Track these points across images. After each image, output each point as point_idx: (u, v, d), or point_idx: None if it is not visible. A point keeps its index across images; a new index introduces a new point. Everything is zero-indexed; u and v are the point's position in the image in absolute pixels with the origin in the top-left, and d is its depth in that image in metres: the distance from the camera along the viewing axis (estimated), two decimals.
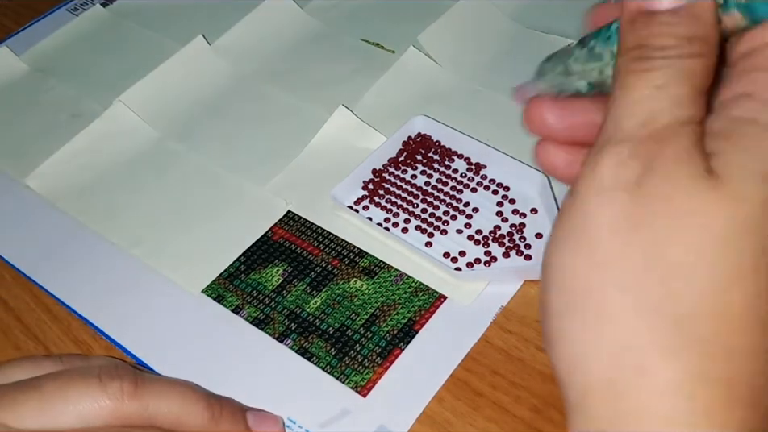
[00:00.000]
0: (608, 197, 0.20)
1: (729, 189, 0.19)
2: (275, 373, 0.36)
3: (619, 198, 0.20)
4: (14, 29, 0.58)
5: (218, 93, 0.51)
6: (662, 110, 0.20)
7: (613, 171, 0.20)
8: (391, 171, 0.44)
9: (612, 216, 0.20)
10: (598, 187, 0.20)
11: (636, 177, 0.20)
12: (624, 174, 0.20)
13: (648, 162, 0.20)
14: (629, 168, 0.20)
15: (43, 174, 0.46)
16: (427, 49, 0.51)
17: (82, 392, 0.30)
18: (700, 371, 0.19)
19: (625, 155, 0.20)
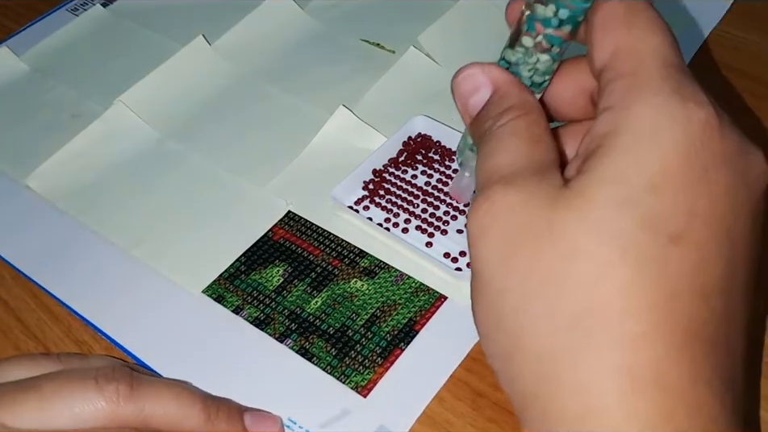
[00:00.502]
0: (479, 238, 0.24)
1: (577, 202, 0.22)
2: (275, 373, 0.36)
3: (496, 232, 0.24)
4: (14, 29, 0.58)
5: (218, 94, 0.51)
6: (501, 165, 0.24)
7: (475, 217, 0.24)
8: (391, 171, 0.44)
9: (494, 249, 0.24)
10: (471, 233, 0.24)
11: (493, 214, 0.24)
12: (482, 216, 0.24)
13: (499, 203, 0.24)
14: (485, 210, 0.24)
15: (43, 174, 0.46)
16: (427, 49, 0.51)
17: (79, 394, 0.30)
18: (613, 365, 0.21)
19: (479, 201, 0.24)
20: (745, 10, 0.53)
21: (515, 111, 0.25)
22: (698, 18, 0.53)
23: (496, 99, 0.26)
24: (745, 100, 0.47)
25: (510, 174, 0.24)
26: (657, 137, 0.22)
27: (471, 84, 0.27)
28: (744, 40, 0.51)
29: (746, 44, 0.51)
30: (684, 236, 0.22)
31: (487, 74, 0.27)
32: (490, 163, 0.25)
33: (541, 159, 0.24)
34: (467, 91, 0.27)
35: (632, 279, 0.21)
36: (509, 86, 0.26)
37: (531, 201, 0.23)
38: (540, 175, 0.23)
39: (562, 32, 0.26)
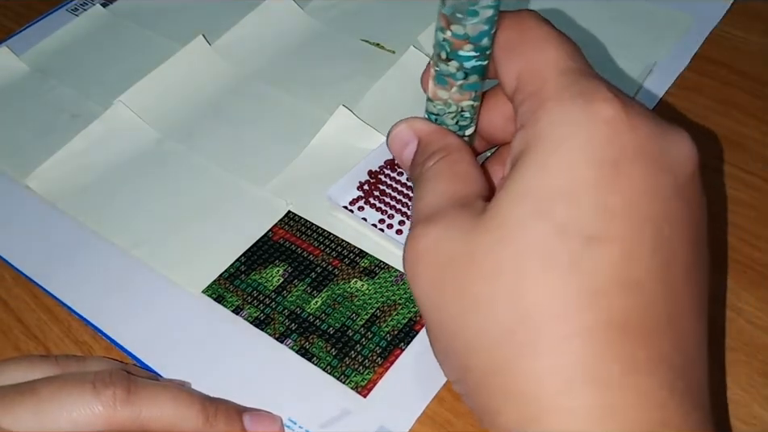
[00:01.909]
0: (410, 272, 0.26)
1: (493, 223, 0.23)
2: (275, 373, 0.36)
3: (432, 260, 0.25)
4: (14, 29, 0.58)
5: (218, 94, 0.51)
6: (425, 206, 0.26)
7: (407, 252, 0.26)
8: (387, 172, 0.44)
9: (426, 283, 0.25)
10: (405, 265, 0.26)
11: (420, 249, 0.25)
12: (411, 251, 0.26)
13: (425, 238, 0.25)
14: (413, 245, 0.26)
15: (43, 174, 0.46)
16: (427, 49, 0.51)
17: (76, 399, 0.30)
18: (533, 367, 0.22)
19: (409, 240, 0.26)
20: (745, 10, 0.53)
21: (437, 155, 0.28)
22: (698, 18, 0.53)
23: (420, 149, 0.29)
24: (744, 100, 0.47)
25: (431, 212, 0.26)
26: (562, 145, 0.23)
27: (400, 140, 0.30)
28: (744, 40, 0.51)
29: (746, 44, 0.51)
30: (601, 234, 0.22)
31: (412, 128, 0.29)
32: (417, 206, 0.27)
33: (464, 193, 0.26)
34: (399, 147, 0.30)
35: (555, 284, 0.22)
36: (431, 135, 0.29)
37: (450, 233, 0.24)
38: (461, 207, 0.25)
39: (471, 80, 0.28)
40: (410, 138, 0.29)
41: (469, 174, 0.27)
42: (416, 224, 0.26)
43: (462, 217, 0.25)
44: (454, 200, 0.26)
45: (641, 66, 0.49)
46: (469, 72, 0.27)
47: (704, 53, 0.50)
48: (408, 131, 0.29)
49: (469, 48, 0.26)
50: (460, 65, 0.27)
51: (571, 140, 0.23)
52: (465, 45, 0.26)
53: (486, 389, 0.24)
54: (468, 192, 0.26)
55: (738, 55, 0.50)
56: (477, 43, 0.26)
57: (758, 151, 0.44)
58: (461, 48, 0.26)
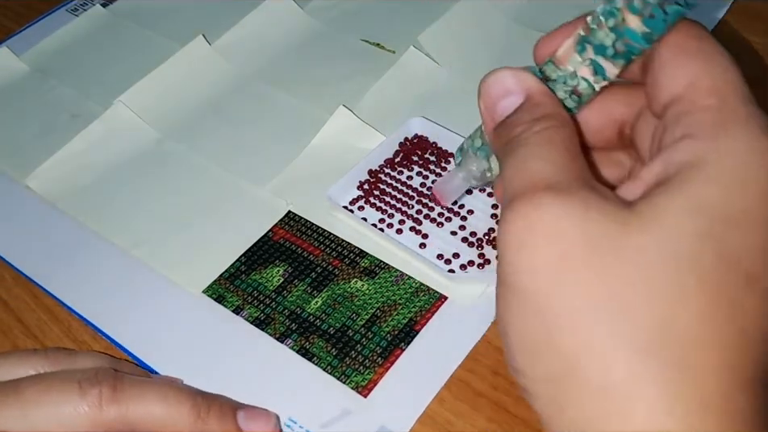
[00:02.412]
0: (519, 248, 0.22)
1: (658, 224, 0.21)
2: (276, 373, 0.36)
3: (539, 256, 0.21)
4: (14, 29, 0.58)
5: (218, 94, 0.51)
6: (544, 171, 0.22)
7: (517, 225, 0.22)
8: (387, 172, 0.44)
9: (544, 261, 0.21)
10: (507, 241, 0.22)
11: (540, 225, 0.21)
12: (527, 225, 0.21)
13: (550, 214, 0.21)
14: (532, 219, 0.21)
15: (43, 174, 0.45)
16: (427, 49, 0.51)
17: (62, 398, 0.30)
18: (676, 392, 0.20)
19: (523, 210, 0.22)
20: (745, 10, 0.53)
21: (550, 121, 0.24)
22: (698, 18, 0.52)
23: (529, 106, 0.24)
24: None
25: (558, 182, 0.22)
26: (744, 174, 0.21)
27: (501, 87, 0.25)
28: (744, 40, 0.51)
29: (746, 44, 0.51)
30: (761, 278, 0.21)
31: (520, 81, 0.25)
32: (529, 168, 0.22)
33: (584, 174, 0.22)
34: (496, 94, 0.25)
35: (709, 310, 0.20)
36: (544, 97, 0.25)
37: (591, 215, 0.21)
38: (591, 188, 0.22)
39: (614, 65, 0.24)
40: (515, 90, 0.25)
41: (581, 156, 0.23)
42: (537, 190, 0.21)
43: (602, 201, 0.21)
44: (579, 177, 0.22)
45: None
46: (617, 56, 0.24)
47: None
48: (515, 82, 0.25)
49: (640, 28, 0.23)
50: (618, 38, 0.24)
51: (753, 172, 0.21)
52: (637, 22, 0.23)
53: (592, 405, 0.21)
54: (587, 174, 0.23)
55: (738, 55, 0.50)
56: (651, 29, 0.23)
57: None
58: (631, 24, 0.23)
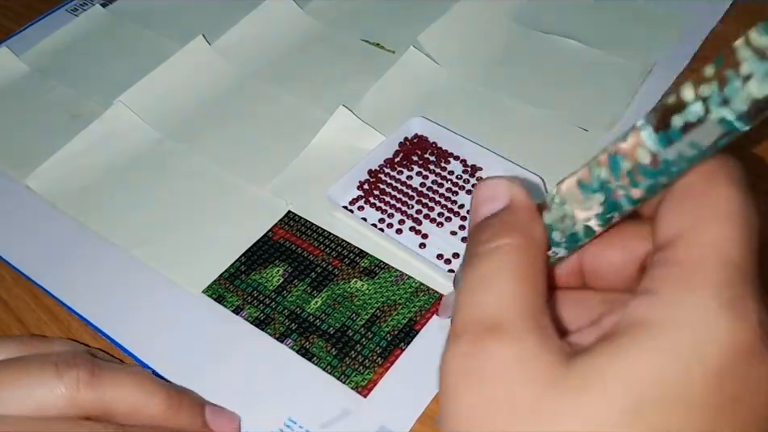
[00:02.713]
0: (456, 392, 0.21)
1: (583, 391, 0.20)
2: (276, 373, 0.36)
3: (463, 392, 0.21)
4: (14, 29, 0.58)
5: (218, 94, 0.51)
6: (488, 305, 0.21)
7: (456, 366, 0.21)
8: (387, 172, 0.44)
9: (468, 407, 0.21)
10: (447, 381, 0.21)
11: (475, 371, 0.21)
12: (464, 369, 0.21)
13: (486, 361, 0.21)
14: (469, 363, 0.21)
15: (43, 175, 0.45)
16: (427, 49, 0.51)
17: (38, 381, 0.30)
18: None
19: (463, 351, 0.21)
20: (745, 10, 0.53)
21: (516, 237, 0.23)
22: (698, 18, 0.53)
23: (504, 213, 0.24)
24: None
25: (499, 324, 0.21)
26: (691, 350, 0.20)
27: (490, 191, 0.25)
28: None
29: None
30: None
31: (509, 188, 0.24)
32: (478, 302, 0.22)
33: (534, 308, 0.22)
34: (483, 197, 0.25)
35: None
36: (522, 209, 0.24)
37: (524, 368, 0.20)
38: (536, 332, 0.21)
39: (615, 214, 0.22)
40: (501, 197, 0.24)
41: (538, 284, 0.22)
42: (475, 331, 0.21)
43: (539, 350, 0.20)
44: (525, 314, 0.21)
45: (641, 66, 0.49)
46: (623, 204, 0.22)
47: (704, 53, 0.50)
48: (504, 189, 0.24)
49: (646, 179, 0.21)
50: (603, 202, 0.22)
51: (701, 349, 0.20)
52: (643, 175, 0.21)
53: None
54: (541, 306, 0.22)
55: None
56: (667, 178, 0.21)
57: (757, 151, 0.44)
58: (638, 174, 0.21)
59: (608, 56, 0.50)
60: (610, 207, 0.22)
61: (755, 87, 0.17)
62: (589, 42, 0.51)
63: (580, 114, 0.47)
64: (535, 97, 0.48)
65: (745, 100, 0.18)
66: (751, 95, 0.17)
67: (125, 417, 0.31)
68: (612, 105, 0.47)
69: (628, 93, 0.48)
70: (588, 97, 0.48)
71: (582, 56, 0.51)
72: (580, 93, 0.48)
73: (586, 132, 0.46)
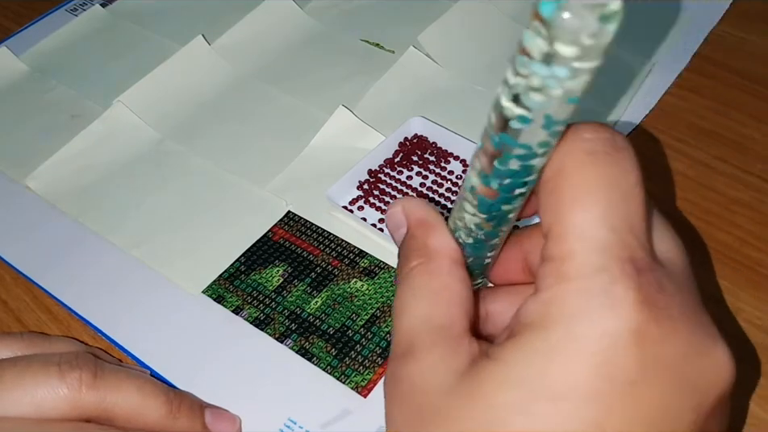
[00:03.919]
0: (387, 410, 0.24)
1: (478, 396, 0.21)
2: (275, 373, 0.36)
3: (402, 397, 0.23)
4: (13, 29, 0.58)
5: (218, 94, 0.51)
6: (404, 330, 0.23)
7: (386, 388, 0.24)
8: (387, 171, 0.44)
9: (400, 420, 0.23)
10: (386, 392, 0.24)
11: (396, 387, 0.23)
12: (389, 391, 0.24)
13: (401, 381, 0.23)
14: (391, 385, 0.24)
15: (42, 175, 0.45)
16: (427, 49, 0.51)
17: (41, 381, 0.30)
18: None
19: (387, 375, 0.24)
20: (745, 10, 0.53)
21: (419, 257, 0.24)
22: (698, 18, 0.53)
23: (407, 240, 0.25)
24: (744, 100, 0.47)
25: (410, 346, 0.23)
26: (576, 345, 0.20)
27: (393, 221, 0.26)
28: (743, 40, 0.51)
29: (746, 44, 0.51)
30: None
31: (405, 212, 0.25)
32: (396, 326, 0.24)
33: (440, 321, 0.23)
34: (391, 228, 0.26)
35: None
36: (418, 229, 0.25)
37: (427, 382, 0.22)
38: (441, 344, 0.22)
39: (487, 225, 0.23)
40: (401, 222, 0.26)
41: (448, 290, 0.23)
42: (393, 357, 0.23)
43: (441, 365, 0.22)
44: (430, 329, 0.23)
45: (641, 66, 0.49)
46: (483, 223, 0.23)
47: (704, 53, 0.50)
48: (401, 215, 0.26)
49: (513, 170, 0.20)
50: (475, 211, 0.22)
51: (586, 343, 0.20)
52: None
53: None
54: (447, 318, 0.23)
55: (738, 55, 0.50)
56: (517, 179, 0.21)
57: (758, 151, 0.44)
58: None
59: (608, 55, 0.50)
60: (483, 206, 0.22)
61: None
62: None
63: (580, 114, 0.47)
64: None
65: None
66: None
67: (125, 420, 0.31)
68: (612, 105, 0.47)
69: (628, 93, 0.48)
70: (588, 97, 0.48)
71: None
72: None
73: None
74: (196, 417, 0.33)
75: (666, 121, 0.46)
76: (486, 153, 0.20)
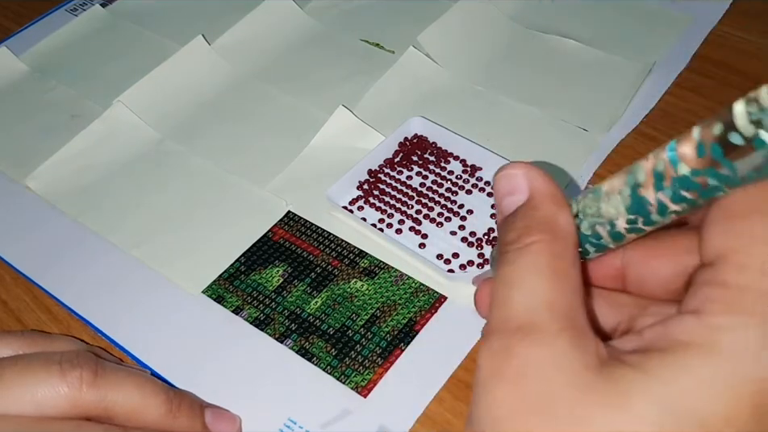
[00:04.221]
0: (486, 389, 0.21)
1: (619, 404, 0.19)
2: (275, 374, 0.36)
3: (498, 391, 0.20)
4: (13, 29, 0.58)
5: (218, 94, 0.51)
6: (520, 306, 0.21)
7: (489, 363, 0.21)
8: (387, 171, 0.44)
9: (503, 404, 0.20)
10: (479, 377, 0.21)
11: (507, 369, 0.20)
12: (496, 366, 0.21)
13: (518, 360, 0.20)
14: (501, 360, 0.21)
15: (42, 175, 0.45)
16: (427, 49, 0.51)
17: (41, 379, 0.30)
18: None
19: (495, 348, 0.21)
20: (745, 10, 0.53)
21: (540, 233, 0.22)
22: (698, 18, 0.53)
23: (526, 209, 0.23)
24: None
25: (531, 324, 0.21)
26: (730, 380, 0.19)
27: (508, 184, 0.24)
28: (743, 40, 0.51)
29: (746, 44, 0.51)
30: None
31: (528, 179, 0.24)
32: (508, 301, 0.22)
33: (566, 305, 0.21)
34: (503, 190, 0.24)
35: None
36: (544, 200, 0.23)
37: (558, 370, 0.20)
38: (569, 331, 0.21)
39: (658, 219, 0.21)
40: (521, 188, 0.24)
41: (570, 276, 0.22)
42: (504, 330, 0.21)
43: (572, 352, 0.20)
44: (556, 313, 0.21)
45: (641, 66, 0.49)
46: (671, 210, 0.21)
47: (704, 53, 0.50)
48: (523, 180, 0.24)
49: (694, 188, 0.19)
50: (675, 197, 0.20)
51: (744, 377, 0.19)
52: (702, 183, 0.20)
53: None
54: (570, 307, 0.21)
55: (738, 55, 0.50)
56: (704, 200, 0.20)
57: None
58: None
59: (608, 56, 0.50)
60: (635, 209, 0.21)
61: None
62: (589, 42, 0.51)
63: (580, 114, 0.47)
64: (535, 97, 0.48)
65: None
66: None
67: (125, 419, 0.31)
68: (612, 106, 0.47)
69: (628, 93, 0.48)
70: (588, 97, 0.48)
71: (582, 56, 0.51)
72: (580, 93, 0.48)
73: (585, 132, 0.46)
74: (196, 417, 0.33)
75: (666, 121, 0.46)
76: (683, 159, 0.19)
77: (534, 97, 0.48)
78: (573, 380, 0.20)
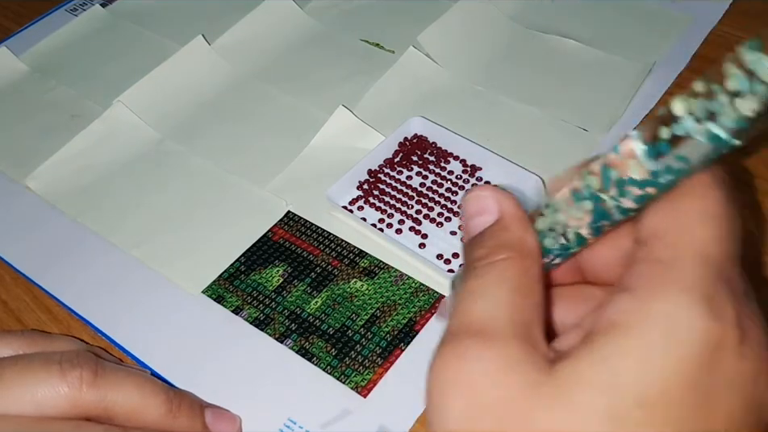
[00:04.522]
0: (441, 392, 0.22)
1: (566, 398, 0.20)
2: (275, 373, 0.36)
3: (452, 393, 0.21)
4: (13, 29, 0.58)
5: (218, 94, 0.51)
6: (480, 314, 0.22)
7: (443, 366, 0.22)
8: (387, 171, 0.44)
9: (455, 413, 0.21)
10: (432, 377, 0.22)
11: (460, 372, 0.21)
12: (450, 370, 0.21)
13: (469, 364, 0.21)
14: (453, 364, 0.21)
15: (42, 175, 0.45)
16: (427, 49, 0.51)
17: (42, 379, 0.30)
18: None
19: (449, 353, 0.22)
20: (745, 10, 0.53)
21: (509, 250, 0.23)
22: (698, 18, 0.53)
23: (497, 229, 0.24)
24: None
25: (488, 330, 0.21)
26: (665, 349, 0.20)
27: (477, 205, 0.25)
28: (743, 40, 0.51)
29: None
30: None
31: (497, 201, 0.25)
32: (469, 306, 0.22)
33: (525, 317, 0.22)
34: (472, 211, 0.25)
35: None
36: (513, 221, 0.24)
37: (508, 373, 0.21)
38: (523, 339, 0.21)
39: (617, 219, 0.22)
40: (491, 209, 0.25)
41: (534, 292, 0.23)
42: (466, 336, 0.22)
43: (524, 357, 0.21)
44: (514, 324, 0.22)
45: (641, 66, 0.49)
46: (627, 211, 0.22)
47: (704, 53, 0.50)
48: (492, 202, 0.25)
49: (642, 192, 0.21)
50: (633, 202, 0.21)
51: (677, 349, 0.20)
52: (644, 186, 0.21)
53: None
54: (528, 318, 0.22)
55: None
56: (656, 190, 0.21)
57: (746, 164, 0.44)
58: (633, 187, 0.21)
59: (608, 56, 0.50)
60: (599, 216, 0.22)
61: (743, 104, 0.17)
62: (589, 42, 0.51)
63: (580, 114, 0.47)
64: (535, 97, 0.48)
65: (733, 117, 0.18)
66: (739, 112, 0.17)
67: (125, 419, 0.31)
68: (612, 106, 0.47)
69: (628, 93, 0.48)
70: (588, 97, 0.48)
71: (582, 56, 0.51)
72: (580, 93, 0.48)
73: (585, 132, 0.46)
74: (196, 417, 0.33)
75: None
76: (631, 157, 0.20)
77: (534, 97, 0.48)
78: (522, 382, 0.20)
